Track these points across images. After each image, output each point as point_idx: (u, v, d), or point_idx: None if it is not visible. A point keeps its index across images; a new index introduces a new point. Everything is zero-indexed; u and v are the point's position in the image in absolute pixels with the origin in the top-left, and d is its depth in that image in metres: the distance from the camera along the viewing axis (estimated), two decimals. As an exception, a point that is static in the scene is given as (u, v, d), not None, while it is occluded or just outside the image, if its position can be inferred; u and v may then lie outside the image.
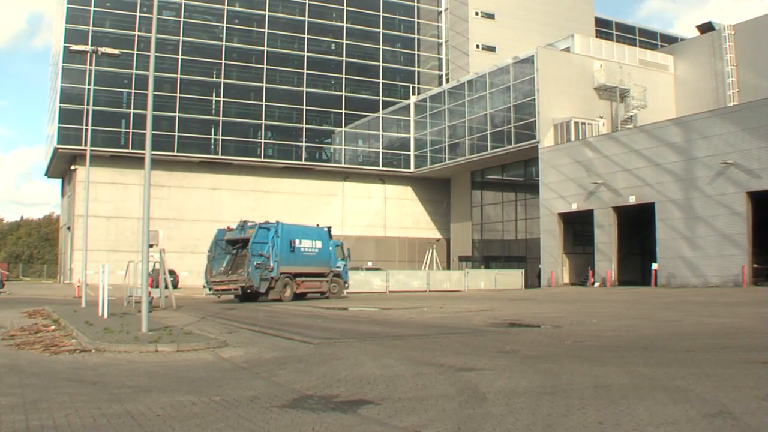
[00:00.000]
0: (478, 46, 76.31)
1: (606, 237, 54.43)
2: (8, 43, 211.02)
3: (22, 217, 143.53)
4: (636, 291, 46.22)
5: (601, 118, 62.61)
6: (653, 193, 50.65)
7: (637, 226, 55.59)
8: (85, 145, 52.33)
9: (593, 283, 54.72)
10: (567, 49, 65.41)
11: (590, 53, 65.15)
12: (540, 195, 61.21)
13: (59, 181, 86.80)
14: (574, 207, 57.46)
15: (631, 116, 62.69)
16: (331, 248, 44.63)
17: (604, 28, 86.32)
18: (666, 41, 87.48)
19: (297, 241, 41.90)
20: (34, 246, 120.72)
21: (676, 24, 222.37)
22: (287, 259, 40.86)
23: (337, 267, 44.76)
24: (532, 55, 62.72)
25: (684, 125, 50.10)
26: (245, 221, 41.92)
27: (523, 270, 62.42)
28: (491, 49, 76.14)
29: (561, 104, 61.89)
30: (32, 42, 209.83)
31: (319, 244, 43.62)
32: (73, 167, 67.92)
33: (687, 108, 62.27)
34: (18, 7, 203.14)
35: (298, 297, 42.03)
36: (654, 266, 50.18)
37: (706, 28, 67.06)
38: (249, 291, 39.37)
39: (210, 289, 41.60)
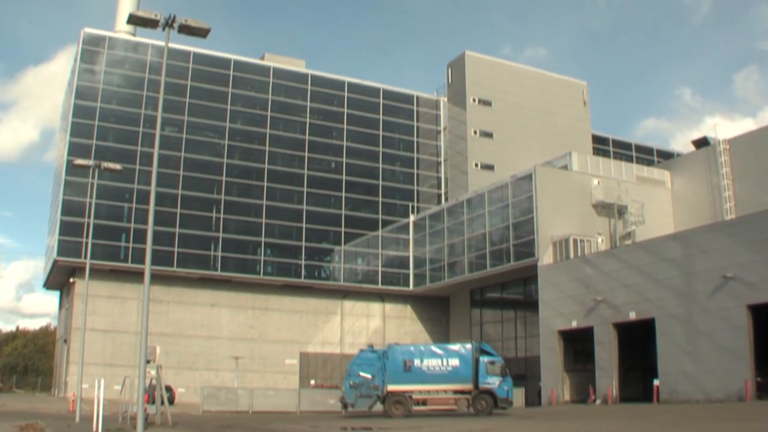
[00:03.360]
0: (476, 165, 77.14)
1: (606, 354, 53.89)
2: (21, 155, 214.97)
3: (18, 327, 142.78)
4: (638, 408, 45.54)
5: (600, 234, 62.80)
6: (653, 308, 50.38)
7: (638, 341, 55.06)
8: (85, 258, 52.49)
9: (594, 401, 53.90)
10: (565, 167, 66.09)
11: (588, 170, 65.80)
12: (539, 312, 60.90)
13: (58, 292, 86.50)
14: (573, 324, 57.10)
15: (630, 232, 62.90)
16: (478, 364, 44.78)
17: (601, 145, 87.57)
18: (662, 157, 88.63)
19: (416, 361, 44.63)
20: (30, 358, 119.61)
21: (672, 142, 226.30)
22: (400, 378, 44.13)
23: (488, 384, 44.50)
24: (531, 173, 63.34)
25: (682, 240, 50.25)
26: (371, 346, 49.26)
27: (523, 388, 61.52)
28: (490, 167, 76.95)
29: (559, 221, 62.17)
30: (44, 156, 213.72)
31: (455, 361, 44.79)
32: (71, 280, 67.89)
33: (685, 222, 62.55)
34: (34, 120, 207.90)
35: (425, 414, 43.80)
36: (656, 382, 49.49)
37: (702, 143, 67.90)
38: (349, 406, 44.85)
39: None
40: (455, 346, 46.53)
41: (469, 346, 46.03)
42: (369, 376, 44.12)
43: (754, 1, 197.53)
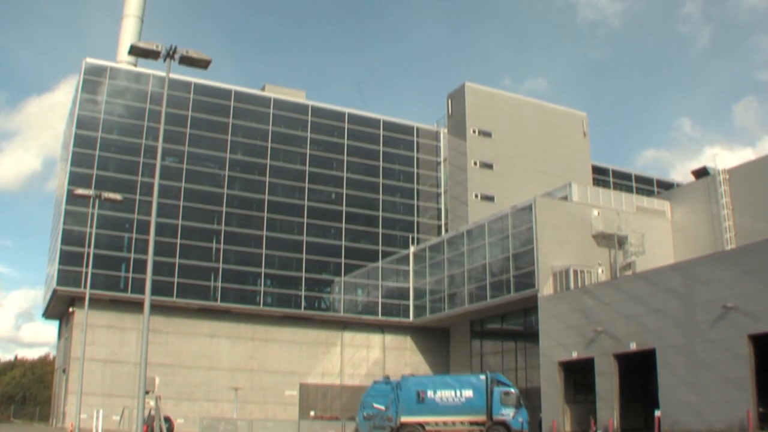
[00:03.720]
0: (476, 196, 77.23)
1: (607, 384, 53.67)
2: (23, 184, 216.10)
3: (16, 356, 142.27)
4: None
5: (600, 265, 62.74)
6: (654, 338, 50.24)
7: (639, 372, 54.83)
8: (85, 288, 52.48)
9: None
10: (565, 198, 66.15)
11: (588, 201, 65.86)
12: (540, 343, 60.75)
13: (57, 322, 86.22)
14: (574, 355, 56.93)
15: (630, 263, 62.85)
16: (492, 395, 45.13)
17: (601, 176, 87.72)
18: (662, 187, 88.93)
19: (429, 392, 45.19)
20: (28, 387, 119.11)
21: (672, 172, 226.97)
22: (414, 409, 44.74)
23: (502, 415, 44.78)
24: (531, 204, 63.39)
25: (683, 270, 50.22)
26: (386, 377, 49.26)
27: (524, 419, 61.22)
28: (490, 198, 77.05)
29: (560, 252, 62.13)
30: (45, 185, 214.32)
31: (469, 392, 45.26)
32: (71, 309, 67.79)
33: (685, 252, 62.55)
34: (36, 149, 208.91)
35: None
36: (657, 413, 49.15)
37: (701, 173, 68.01)
38: None
39: None
40: (469, 377, 46.63)
41: (483, 376, 46.09)
42: (383, 407, 44.64)
43: (752, 32, 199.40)
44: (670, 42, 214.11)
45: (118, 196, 47.66)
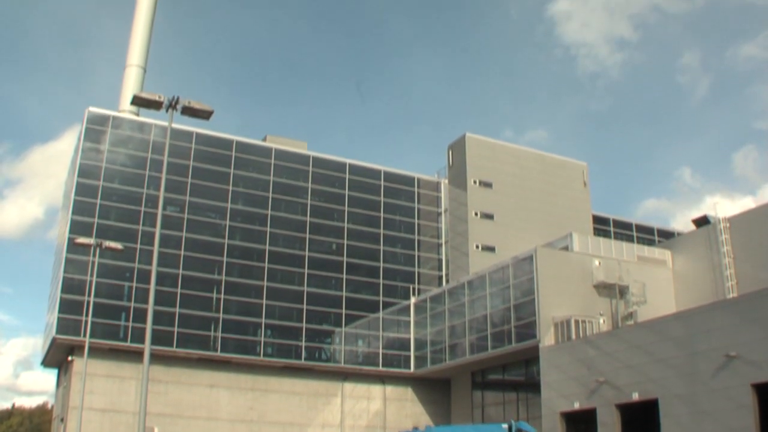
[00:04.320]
0: (477, 246, 77.28)
1: (610, 435, 53.30)
2: (25, 232, 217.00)
3: (14, 405, 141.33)
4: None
5: (602, 315, 62.58)
6: (657, 388, 49.94)
7: (642, 422, 54.27)
8: (84, 336, 52.34)
9: (599, 484, 53.13)
10: (566, 248, 66.19)
11: (589, 251, 65.88)
12: (542, 394, 60.37)
13: (56, 370, 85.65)
14: (576, 406, 56.55)
15: (632, 312, 62.68)
16: None
17: (602, 225, 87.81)
18: (663, 236, 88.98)
19: None
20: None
21: (673, 221, 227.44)
22: None
23: None
24: (531, 255, 63.42)
25: (685, 320, 50.08)
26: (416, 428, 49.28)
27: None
28: (491, 249, 77.10)
29: (561, 302, 62.01)
30: (47, 233, 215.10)
31: None
32: (70, 358, 67.43)
33: (687, 301, 62.34)
34: (39, 198, 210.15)
35: None
36: (660, 464, 48.89)
37: (702, 222, 68.05)
38: None
39: None
40: (491, 426, 46.06)
41: (505, 425, 45.47)
42: None
43: (750, 81, 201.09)
44: (669, 92, 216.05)
45: (118, 245, 47.82)
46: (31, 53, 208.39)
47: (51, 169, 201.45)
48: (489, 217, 78.96)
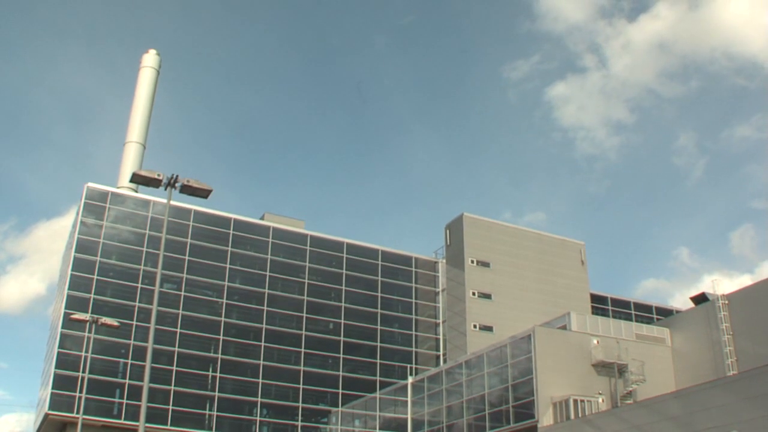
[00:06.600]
0: (475, 326, 76.99)
1: None
2: (26, 308, 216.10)
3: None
4: None
5: (600, 394, 61.98)
6: (657, 468, 49.26)
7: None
8: (77, 413, 51.79)
9: None
10: (564, 327, 65.91)
11: (587, 330, 65.57)
12: (541, 475, 59.56)
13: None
14: (576, 487, 55.73)
15: (631, 391, 62.11)
16: None
17: (600, 304, 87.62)
18: (662, 314, 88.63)
19: None
20: None
21: (671, 300, 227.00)
22: None
23: None
24: (530, 334, 63.06)
25: (684, 398, 49.54)
26: None
27: None
28: (488, 328, 76.82)
29: (559, 382, 61.47)
30: (48, 309, 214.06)
31: None
32: (62, 436, 66.77)
33: (686, 380, 61.77)
34: (41, 274, 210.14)
35: None
36: None
37: (701, 299, 67.88)
38: None
39: None
40: None
41: None
42: None
43: (745, 162, 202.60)
44: (666, 173, 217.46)
45: (115, 323, 47.51)
46: (36, 129, 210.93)
47: (54, 245, 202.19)
48: (487, 296, 78.82)
